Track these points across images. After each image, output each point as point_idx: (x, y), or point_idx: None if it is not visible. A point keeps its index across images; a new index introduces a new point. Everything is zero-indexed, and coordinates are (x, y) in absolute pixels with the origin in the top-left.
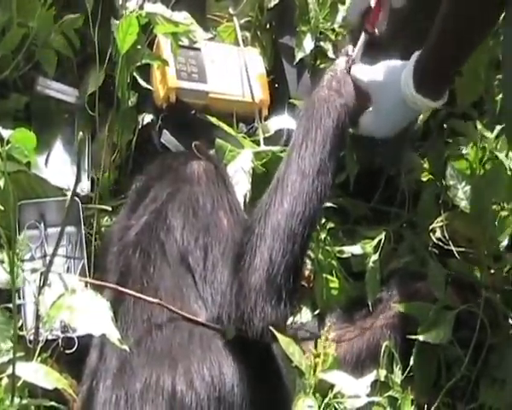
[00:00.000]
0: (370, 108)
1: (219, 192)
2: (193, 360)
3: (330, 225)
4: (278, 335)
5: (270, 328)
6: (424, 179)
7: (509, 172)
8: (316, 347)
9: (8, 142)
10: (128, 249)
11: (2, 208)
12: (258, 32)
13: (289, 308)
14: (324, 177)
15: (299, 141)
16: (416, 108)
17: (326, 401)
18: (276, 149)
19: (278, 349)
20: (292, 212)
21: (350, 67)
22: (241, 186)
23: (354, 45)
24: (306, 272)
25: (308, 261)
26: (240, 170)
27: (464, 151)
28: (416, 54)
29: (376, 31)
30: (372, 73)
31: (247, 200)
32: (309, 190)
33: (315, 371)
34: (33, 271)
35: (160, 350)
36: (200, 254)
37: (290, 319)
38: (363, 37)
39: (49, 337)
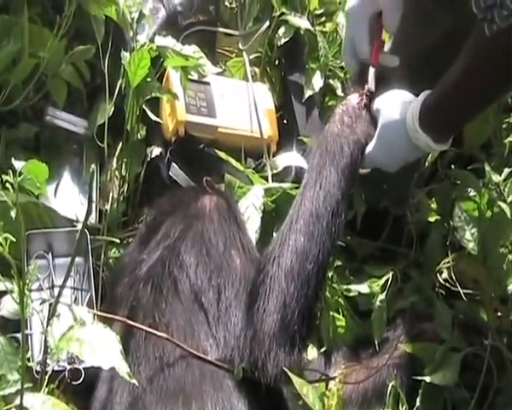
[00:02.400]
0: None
1: (231, 230)
2: (206, 399)
3: (337, 263)
4: (292, 376)
5: (285, 369)
6: (431, 220)
7: None
8: (326, 387)
9: (20, 173)
10: (139, 283)
11: (13, 239)
12: (268, 68)
13: (302, 353)
14: (338, 217)
15: (313, 179)
16: (417, 143)
17: None
18: (286, 185)
19: (285, 388)
20: (306, 254)
21: (364, 103)
22: (253, 223)
23: (364, 82)
24: None
25: None
26: (251, 206)
27: (472, 193)
28: (426, 92)
29: (383, 61)
30: (380, 100)
31: (258, 237)
32: (323, 231)
33: None
34: (42, 301)
35: (172, 388)
36: (214, 295)
37: None
38: (371, 71)
39: (56, 368)
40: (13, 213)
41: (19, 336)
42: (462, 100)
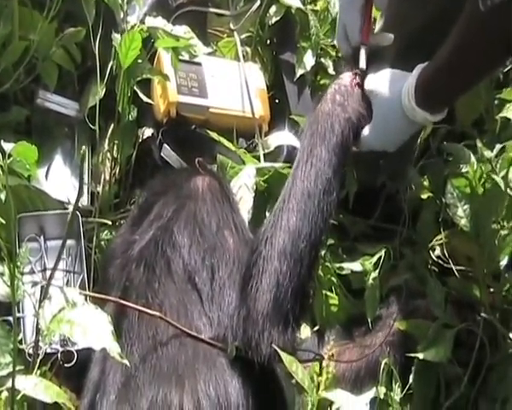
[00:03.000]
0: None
1: (224, 210)
2: (199, 378)
3: (330, 241)
4: (281, 353)
5: (275, 347)
6: (424, 197)
7: (509, 191)
8: (319, 366)
9: (9, 155)
10: (132, 264)
11: (3, 221)
12: (259, 48)
13: (296, 332)
14: (329, 196)
15: (304, 158)
16: (414, 120)
17: None
18: (278, 165)
19: (279, 367)
20: (298, 233)
21: (356, 82)
22: (245, 202)
23: (356, 62)
24: None
25: None
26: (243, 186)
27: (464, 170)
28: (420, 66)
29: (376, 41)
30: (374, 80)
31: (250, 216)
32: (314, 210)
33: (318, 389)
34: (34, 284)
35: (166, 367)
36: (207, 275)
37: None
38: (362, 50)
39: (49, 351)
40: (2, 196)
41: (10, 318)
42: (457, 73)
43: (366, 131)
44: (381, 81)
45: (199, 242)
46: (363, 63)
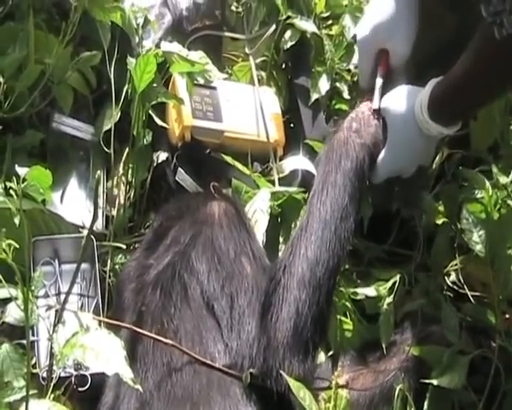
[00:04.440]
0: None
1: (241, 237)
2: (213, 406)
3: (344, 266)
4: (289, 379)
5: (282, 373)
6: (439, 222)
7: None
8: (327, 388)
9: (24, 179)
10: (148, 288)
11: (18, 246)
12: (274, 72)
13: (315, 360)
14: (346, 222)
15: (320, 186)
16: (428, 133)
17: None
18: (292, 189)
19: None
20: (316, 261)
21: (373, 111)
22: (260, 227)
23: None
24: None
25: None
26: (258, 210)
27: (479, 195)
28: (434, 81)
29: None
30: (388, 98)
31: (264, 240)
32: (331, 237)
33: None
34: (48, 308)
35: (180, 395)
36: (227, 303)
37: None
38: (378, 80)
39: (62, 375)
40: (17, 220)
41: (24, 342)
42: (471, 90)
43: (381, 155)
44: (394, 97)
45: (217, 269)
46: (377, 95)
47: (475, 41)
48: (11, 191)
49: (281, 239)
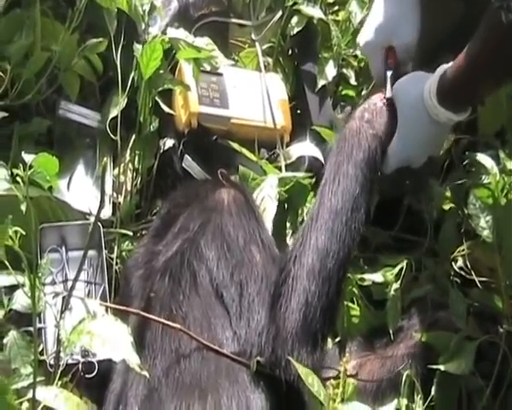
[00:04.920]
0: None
1: (251, 225)
2: (222, 393)
3: None
4: (298, 365)
5: (289, 359)
6: (446, 208)
7: None
8: (336, 377)
9: (30, 166)
10: (156, 275)
11: (24, 233)
12: (281, 59)
13: (324, 350)
14: (357, 213)
15: (331, 176)
16: (437, 119)
17: None
18: (299, 175)
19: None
20: (326, 252)
21: (385, 101)
22: (268, 213)
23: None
24: None
25: None
26: (266, 197)
27: (486, 180)
28: (443, 67)
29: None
30: (398, 84)
31: (272, 227)
32: (342, 228)
33: (334, 401)
34: (55, 295)
35: (188, 381)
36: (236, 291)
37: None
38: (388, 74)
39: (70, 362)
40: (23, 207)
41: (31, 329)
42: (480, 76)
43: (391, 143)
44: (404, 84)
45: (226, 257)
46: (388, 86)
47: (482, 27)
48: (18, 178)
49: (288, 225)
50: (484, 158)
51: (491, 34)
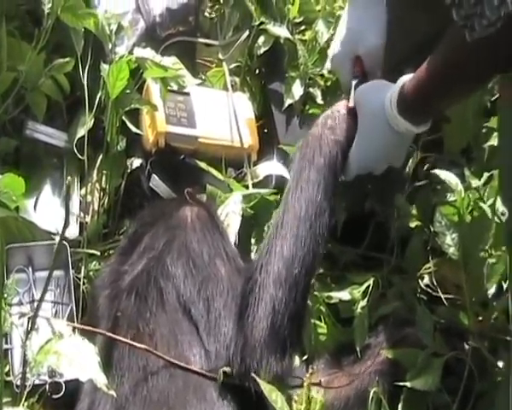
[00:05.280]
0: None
1: (215, 239)
2: (189, 409)
3: (319, 270)
4: (261, 382)
5: (253, 375)
6: (412, 226)
7: (496, 219)
8: (303, 394)
9: None
10: (122, 294)
11: None
12: (248, 78)
13: (294, 358)
14: (321, 218)
15: (294, 182)
16: (397, 129)
17: None
18: (264, 191)
19: None
20: (292, 259)
21: (350, 108)
22: (232, 228)
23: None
24: None
25: None
26: (230, 213)
27: (452, 198)
28: (404, 78)
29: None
30: (360, 91)
31: (237, 242)
32: (307, 234)
33: None
34: (21, 315)
35: (156, 399)
36: (204, 306)
37: None
38: (353, 82)
39: (37, 382)
40: None
41: None
42: (440, 88)
43: (352, 149)
44: (366, 91)
45: (192, 273)
46: (352, 94)
47: (444, 43)
48: None
49: (253, 241)
50: (449, 176)
51: (453, 51)
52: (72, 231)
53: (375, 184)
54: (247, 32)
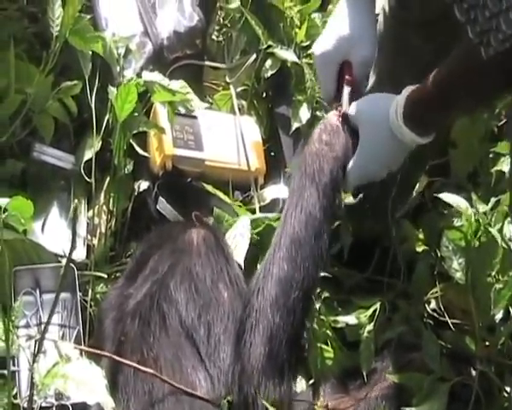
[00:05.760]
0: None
1: (219, 263)
2: None
3: (325, 294)
4: (270, 408)
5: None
6: (419, 250)
7: (503, 245)
8: None
9: (5, 210)
10: (127, 318)
11: None
12: (255, 101)
13: (292, 382)
14: (320, 239)
15: (294, 202)
16: (402, 139)
17: None
18: (271, 215)
19: None
20: (289, 282)
21: (342, 120)
22: (240, 251)
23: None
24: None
25: None
26: (238, 235)
27: (459, 223)
28: (409, 88)
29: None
30: (358, 105)
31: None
32: (305, 256)
33: None
34: (29, 338)
35: None
36: (204, 332)
37: None
38: (345, 89)
39: (44, 405)
40: None
41: (5, 372)
42: (447, 100)
43: (352, 161)
44: (368, 103)
45: (194, 298)
46: (346, 103)
47: (454, 58)
48: None
49: (259, 267)
50: (457, 200)
51: (464, 67)
52: (80, 254)
53: (368, 194)
54: (254, 56)
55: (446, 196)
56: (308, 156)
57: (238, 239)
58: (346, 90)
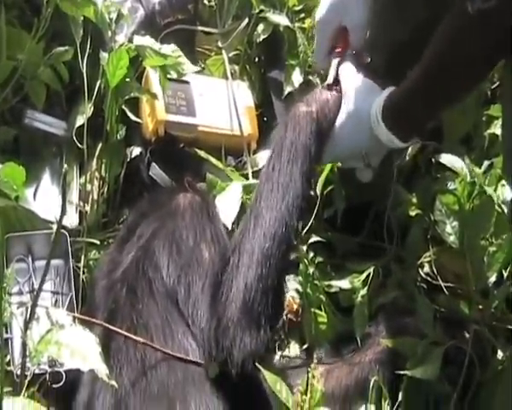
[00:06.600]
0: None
1: (202, 223)
2: (190, 400)
3: (318, 259)
4: (265, 372)
5: (256, 364)
6: (412, 214)
7: (497, 208)
8: (305, 383)
9: None
10: (116, 286)
11: None
12: (247, 66)
13: (270, 334)
14: (295, 191)
15: (269, 160)
16: (379, 137)
17: None
18: None
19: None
20: (264, 234)
21: (331, 89)
22: (230, 215)
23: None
24: (295, 307)
25: (296, 295)
26: (229, 200)
27: (452, 186)
28: (389, 89)
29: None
30: (351, 85)
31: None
32: (279, 207)
33: (302, 408)
34: (21, 305)
35: (156, 390)
36: (185, 293)
37: (278, 354)
38: (333, 61)
39: (37, 372)
40: None
41: None
42: (428, 94)
43: (332, 136)
44: (356, 88)
45: (176, 260)
46: (332, 75)
47: (441, 28)
48: None
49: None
50: (453, 160)
51: (450, 35)
52: (72, 220)
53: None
54: (246, 20)
55: (443, 157)
56: (289, 117)
57: (228, 203)
58: (334, 62)
